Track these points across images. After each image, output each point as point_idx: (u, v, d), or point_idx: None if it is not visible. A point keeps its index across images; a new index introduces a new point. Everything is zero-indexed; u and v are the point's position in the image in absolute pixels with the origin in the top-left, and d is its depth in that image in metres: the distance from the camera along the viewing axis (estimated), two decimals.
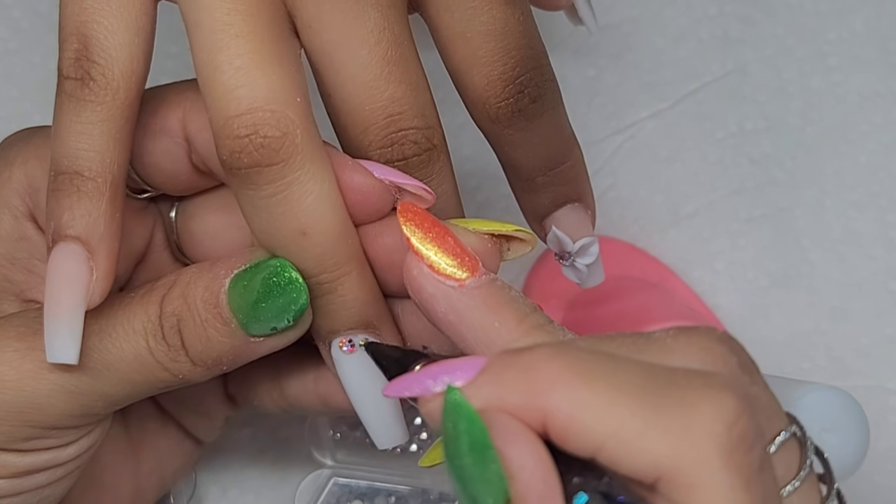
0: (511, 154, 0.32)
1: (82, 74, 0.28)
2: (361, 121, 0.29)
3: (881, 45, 0.48)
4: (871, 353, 0.46)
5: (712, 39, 0.47)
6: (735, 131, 0.47)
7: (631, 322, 0.41)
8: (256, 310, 0.28)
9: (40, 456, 0.30)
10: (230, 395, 0.36)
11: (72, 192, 0.28)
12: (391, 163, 0.30)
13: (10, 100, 0.45)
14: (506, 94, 0.31)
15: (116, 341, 0.29)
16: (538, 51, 0.31)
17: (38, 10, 0.45)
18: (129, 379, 0.29)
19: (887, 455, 0.45)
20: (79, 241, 0.28)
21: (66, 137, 0.29)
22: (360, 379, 0.30)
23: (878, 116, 0.48)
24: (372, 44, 0.29)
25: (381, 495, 0.41)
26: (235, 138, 0.27)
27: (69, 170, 0.28)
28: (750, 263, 0.47)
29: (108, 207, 0.29)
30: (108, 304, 0.29)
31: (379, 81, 0.29)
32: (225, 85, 0.28)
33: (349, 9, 0.29)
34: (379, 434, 0.31)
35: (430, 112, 0.30)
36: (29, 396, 0.29)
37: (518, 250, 0.31)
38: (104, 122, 0.28)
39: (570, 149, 0.33)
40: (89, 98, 0.28)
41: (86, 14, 0.29)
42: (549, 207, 0.34)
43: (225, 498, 0.43)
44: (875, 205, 0.47)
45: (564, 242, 0.34)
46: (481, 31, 0.30)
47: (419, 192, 0.30)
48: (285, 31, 0.29)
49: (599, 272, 0.35)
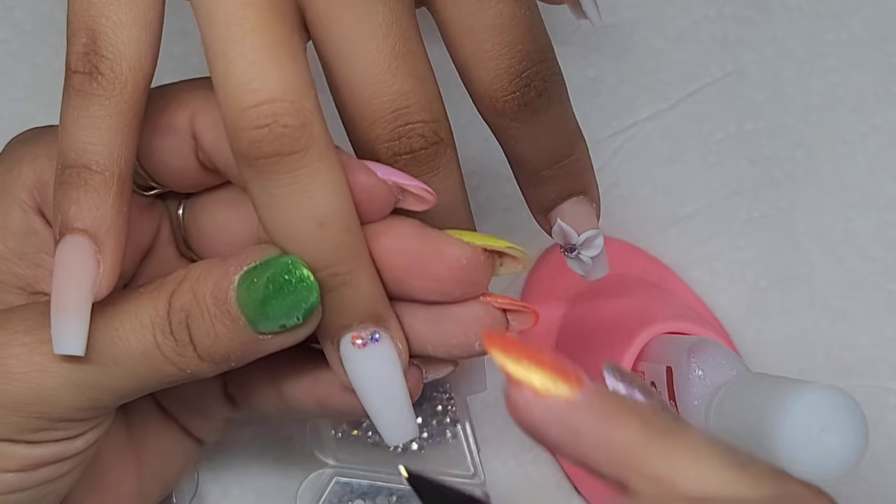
0: (517, 147, 0.32)
1: (90, 69, 0.29)
2: (369, 114, 0.30)
3: (880, 46, 0.48)
4: (870, 353, 0.46)
5: (712, 41, 0.48)
6: (734, 132, 0.47)
7: (630, 321, 0.42)
8: (266, 307, 0.28)
9: (49, 448, 0.30)
10: (230, 396, 0.36)
11: (79, 186, 0.28)
12: (398, 156, 0.30)
13: (14, 101, 0.45)
14: (512, 88, 0.31)
15: (124, 335, 0.29)
16: (544, 44, 0.31)
17: (40, 12, 0.45)
18: (137, 372, 0.29)
19: (886, 455, 0.45)
20: (86, 233, 0.28)
21: (74, 131, 0.29)
22: (371, 375, 0.30)
23: (877, 117, 0.48)
24: (380, 38, 0.29)
25: (383, 494, 0.41)
26: (254, 128, 0.27)
27: (77, 163, 0.29)
28: (749, 264, 0.47)
29: (115, 201, 0.29)
30: (117, 298, 0.29)
31: (387, 75, 0.29)
32: (240, 78, 0.27)
33: (358, 3, 0.29)
34: (390, 430, 0.31)
35: (438, 106, 0.30)
36: (37, 389, 0.29)
37: (510, 267, 0.31)
38: (112, 115, 0.29)
39: (576, 142, 0.33)
40: (97, 92, 0.29)
41: (94, 9, 0.29)
42: (554, 200, 0.34)
43: (227, 497, 0.43)
44: (874, 205, 0.47)
45: (569, 235, 0.34)
46: (487, 25, 0.30)
47: (421, 193, 0.30)
48: (296, 26, 0.29)
49: (604, 264, 0.35)
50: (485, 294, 0.31)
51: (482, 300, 0.31)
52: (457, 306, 0.31)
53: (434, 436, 0.42)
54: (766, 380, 0.35)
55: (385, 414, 0.31)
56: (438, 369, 0.33)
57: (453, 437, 0.42)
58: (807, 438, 0.32)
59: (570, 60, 0.47)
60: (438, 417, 0.42)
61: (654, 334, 0.40)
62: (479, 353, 0.31)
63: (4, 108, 0.45)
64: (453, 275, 0.30)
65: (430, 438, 0.42)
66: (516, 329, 0.31)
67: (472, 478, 0.42)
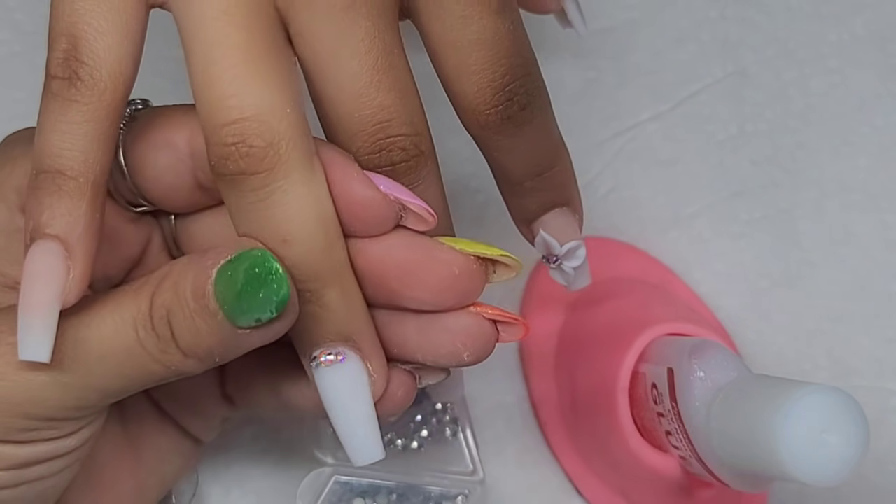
0: (500, 159, 0.33)
1: (70, 74, 0.28)
2: (350, 127, 0.30)
3: (881, 47, 0.48)
4: (871, 354, 0.46)
5: (713, 42, 0.48)
6: (736, 133, 0.47)
7: (631, 323, 0.41)
8: (240, 300, 0.28)
9: (39, 447, 0.30)
10: (228, 396, 0.36)
11: (53, 191, 0.28)
12: (378, 168, 0.30)
13: (14, 102, 0.45)
14: (495, 102, 0.31)
15: (108, 333, 0.29)
16: (527, 59, 0.31)
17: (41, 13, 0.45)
18: (121, 371, 0.29)
19: (888, 456, 0.45)
20: (57, 239, 0.28)
21: (50, 136, 0.29)
22: (337, 394, 0.30)
23: (879, 118, 0.48)
24: (362, 53, 0.29)
25: (382, 493, 0.41)
26: (223, 145, 0.28)
27: (51, 168, 0.28)
28: (750, 265, 0.47)
29: (88, 208, 0.29)
30: (100, 297, 0.29)
31: (369, 90, 0.29)
32: (217, 95, 0.28)
33: (340, 18, 0.29)
34: (353, 451, 0.31)
35: (419, 119, 0.30)
36: (23, 389, 0.29)
37: (503, 275, 0.31)
38: (89, 122, 0.28)
39: (559, 155, 0.33)
40: (76, 98, 0.28)
41: (76, 15, 0.29)
42: (536, 212, 0.34)
43: (227, 497, 0.43)
44: (875, 206, 0.47)
45: (551, 246, 0.34)
46: (472, 40, 0.30)
47: (422, 213, 0.30)
48: (279, 41, 0.29)
49: (586, 275, 0.35)
50: (476, 304, 0.31)
51: (472, 310, 0.31)
52: (447, 316, 0.31)
53: (433, 434, 0.42)
54: (767, 381, 0.35)
55: (349, 434, 0.31)
56: (431, 376, 0.33)
57: (453, 436, 0.42)
58: (808, 440, 0.32)
59: (570, 62, 0.47)
60: (438, 416, 0.42)
61: (655, 336, 0.40)
62: (468, 363, 0.31)
63: (4, 109, 0.45)
64: (445, 284, 0.30)
65: (430, 437, 0.42)
66: (506, 340, 0.31)
67: (472, 476, 0.42)
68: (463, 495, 0.42)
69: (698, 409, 0.36)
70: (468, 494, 0.42)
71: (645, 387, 0.39)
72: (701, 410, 0.36)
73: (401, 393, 0.32)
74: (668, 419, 0.38)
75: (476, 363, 0.31)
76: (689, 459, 0.38)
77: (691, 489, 0.41)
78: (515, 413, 0.45)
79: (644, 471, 0.40)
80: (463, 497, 0.42)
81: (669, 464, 0.40)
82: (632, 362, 0.40)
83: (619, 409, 0.40)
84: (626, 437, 0.40)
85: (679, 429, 0.37)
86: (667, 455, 0.40)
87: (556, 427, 0.44)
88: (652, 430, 0.40)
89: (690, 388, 0.37)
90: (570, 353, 0.44)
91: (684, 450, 0.38)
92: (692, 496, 0.41)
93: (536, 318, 0.45)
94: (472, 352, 0.31)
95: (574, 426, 0.44)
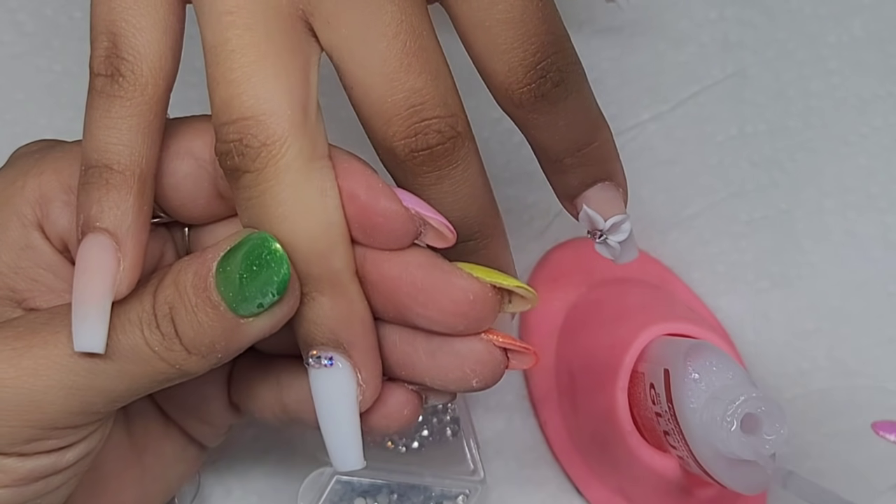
0: (538, 137, 0.32)
1: (112, 71, 0.29)
2: (384, 112, 0.30)
3: (880, 48, 0.48)
4: (871, 355, 0.46)
5: (713, 43, 0.48)
6: (735, 134, 0.48)
7: (631, 322, 0.42)
8: (242, 286, 0.28)
9: (41, 460, 0.30)
10: (234, 405, 0.36)
11: (101, 185, 0.29)
12: (416, 152, 0.30)
13: (16, 103, 0.45)
14: (528, 80, 0.31)
15: (113, 333, 0.29)
16: (559, 35, 0.31)
17: (43, 14, 0.46)
18: (127, 372, 0.29)
19: (887, 456, 0.45)
20: (107, 232, 0.29)
21: (96, 132, 0.29)
22: (323, 397, 0.30)
23: (878, 119, 0.48)
24: (390, 36, 0.29)
25: (383, 493, 0.41)
26: (224, 142, 0.29)
27: (98, 163, 0.29)
28: (750, 265, 0.47)
29: (136, 200, 0.29)
30: None
31: (399, 73, 0.29)
32: (220, 96, 0.29)
33: (366, 3, 0.29)
34: (333, 456, 0.31)
35: (454, 100, 0.30)
36: (27, 394, 0.29)
37: (518, 306, 0.31)
38: (133, 116, 0.29)
39: (598, 129, 0.33)
40: (119, 94, 0.29)
41: (115, 13, 0.29)
42: (578, 187, 0.34)
43: (229, 498, 0.43)
44: (875, 207, 0.47)
45: (595, 220, 0.34)
46: (500, 19, 0.30)
47: (442, 230, 0.30)
48: (294, 42, 0.29)
49: (633, 249, 0.35)
50: (487, 331, 0.31)
51: (484, 337, 0.31)
52: (457, 340, 0.31)
53: (434, 434, 0.42)
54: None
55: (331, 438, 0.31)
56: (438, 397, 0.33)
57: (453, 435, 0.42)
58: None
59: None
60: (439, 415, 0.42)
61: (654, 335, 0.40)
62: (476, 389, 0.31)
63: (7, 111, 0.45)
64: (459, 308, 0.30)
65: (431, 436, 0.42)
66: (515, 368, 0.31)
67: (472, 475, 0.42)
68: (463, 495, 0.42)
69: (693, 411, 0.36)
70: (468, 494, 0.42)
71: (644, 387, 0.40)
72: (696, 413, 0.36)
73: (406, 412, 0.32)
74: (666, 419, 0.38)
75: (484, 389, 0.31)
76: (687, 459, 0.38)
77: (691, 489, 0.41)
78: (515, 413, 0.45)
79: (644, 471, 0.40)
80: (463, 497, 0.42)
81: (669, 463, 0.40)
82: (631, 362, 0.40)
83: (619, 409, 0.40)
84: (626, 437, 0.40)
85: (676, 429, 0.37)
86: (666, 455, 0.40)
87: (556, 427, 0.44)
88: (651, 430, 0.40)
89: (685, 390, 0.37)
90: (570, 352, 0.44)
91: (682, 450, 0.38)
92: (692, 496, 0.41)
93: (537, 317, 0.45)
94: (481, 378, 0.31)
95: (574, 426, 0.44)
